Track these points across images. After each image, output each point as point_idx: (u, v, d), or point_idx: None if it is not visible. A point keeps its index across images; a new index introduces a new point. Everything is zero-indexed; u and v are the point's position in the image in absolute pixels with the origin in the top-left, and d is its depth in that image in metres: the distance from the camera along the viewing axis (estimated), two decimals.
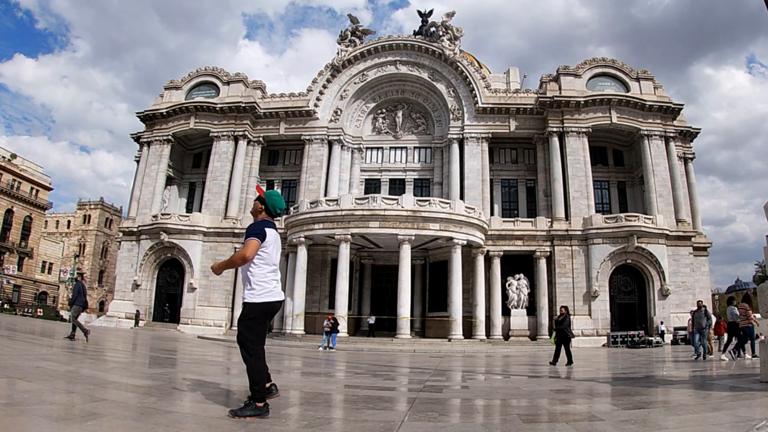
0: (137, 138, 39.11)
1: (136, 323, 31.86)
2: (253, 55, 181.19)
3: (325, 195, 32.82)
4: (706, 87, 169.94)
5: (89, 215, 74.30)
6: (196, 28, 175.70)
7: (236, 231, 33.26)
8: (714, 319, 14.27)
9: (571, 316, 14.59)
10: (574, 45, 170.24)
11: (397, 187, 35.71)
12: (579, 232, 30.25)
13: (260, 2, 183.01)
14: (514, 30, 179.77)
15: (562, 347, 13.51)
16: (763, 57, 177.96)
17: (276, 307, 4.00)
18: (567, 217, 31.03)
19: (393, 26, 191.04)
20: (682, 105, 33.44)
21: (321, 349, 20.00)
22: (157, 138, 36.24)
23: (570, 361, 12.70)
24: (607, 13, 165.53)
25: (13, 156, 58.00)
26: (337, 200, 27.78)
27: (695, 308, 15.99)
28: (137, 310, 32.51)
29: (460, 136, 33.97)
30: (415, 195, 31.32)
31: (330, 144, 35.58)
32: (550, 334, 29.27)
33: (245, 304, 3.95)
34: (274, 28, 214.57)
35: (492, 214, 32.83)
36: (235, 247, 33.24)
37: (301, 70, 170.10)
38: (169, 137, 36.07)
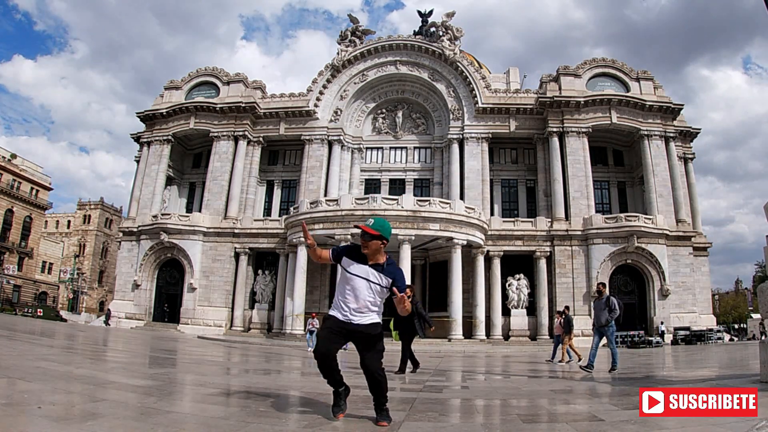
0: (137, 138, 39.09)
1: (107, 321, 31.95)
2: (251, 57, 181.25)
3: (325, 195, 32.80)
4: (703, 88, 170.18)
5: (89, 215, 74.26)
6: (193, 29, 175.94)
7: (236, 231, 33.25)
8: (617, 312, 10.06)
9: (419, 304, 10.22)
10: (569, 46, 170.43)
11: (397, 187, 35.69)
12: (579, 232, 30.24)
13: (257, 4, 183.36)
14: (510, 31, 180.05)
15: (409, 346, 9.76)
16: (759, 58, 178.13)
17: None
18: (567, 217, 31.02)
19: (388, 28, 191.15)
20: (682, 105, 33.43)
21: (309, 350, 18.06)
22: (157, 138, 36.22)
23: (414, 365, 9.57)
24: (603, 14, 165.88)
25: (13, 156, 57.95)
26: (337, 200, 27.79)
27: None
28: (108, 309, 32.51)
29: (460, 136, 33.96)
30: (415, 195, 31.33)
31: (330, 144, 35.57)
32: (551, 335, 29.24)
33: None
34: (271, 30, 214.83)
35: (492, 214, 32.82)
36: (235, 248, 33.19)
37: (297, 71, 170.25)
38: (169, 137, 36.05)
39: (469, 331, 27.94)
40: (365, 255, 3.91)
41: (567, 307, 15.92)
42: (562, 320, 14.21)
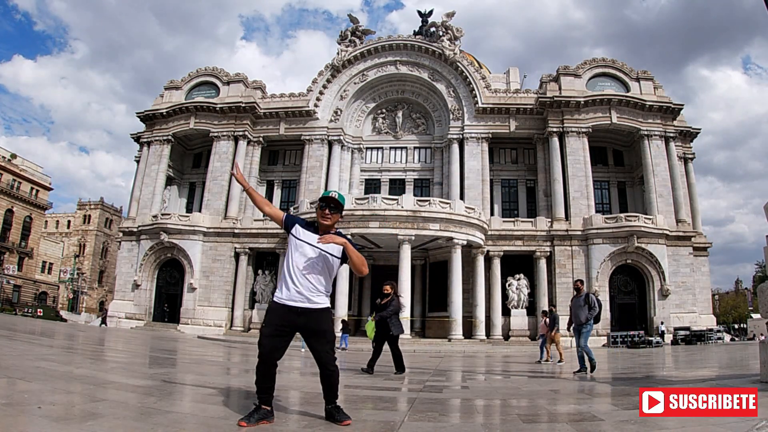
0: (137, 138, 39.10)
1: (103, 322, 32.42)
2: (250, 57, 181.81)
3: None
4: (702, 88, 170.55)
5: (89, 215, 74.28)
6: (193, 29, 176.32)
7: (236, 231, 33.26)
8: (597, 309, 9.50)
9: (401, 299, 9.80)
10: (569, 46, 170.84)
11: (397, 187, 35.70)
12: (579, 232, 30.24)
13: (257, 4, 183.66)
14: (509, 31, 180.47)
15: (385, 346, 9.48)
16: (758, 58, 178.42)
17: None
18: (567, 217, 31.02)
19: (388, 28, 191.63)
20: (682, 105, 33.43)
21: (303, 351, 16.73)
22: (157, 138, 36.23)
23: (400, 368, 9.02)
24: (602, 15, 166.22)
25: (13, 156, 57.96)
26: None
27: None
28: (105, 309, 32.80)
29: (460, 136, 33.96)
30: (415, 195, 31.34)
31: (330, 144, 35.58)
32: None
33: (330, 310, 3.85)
34: (271, 30, 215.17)
35: (492, 214, 32.83)
36: (235, 248, 33.20)
37: (297, 71, 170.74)
38: (169, 137, 36.06)
39: (469, 331, 27.95)
40: (317, 227, 3.82)
41: (554, 305, 15.87)
42: (547, 319, 14.23)
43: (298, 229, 3.80)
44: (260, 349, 3.64)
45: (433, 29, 36.32)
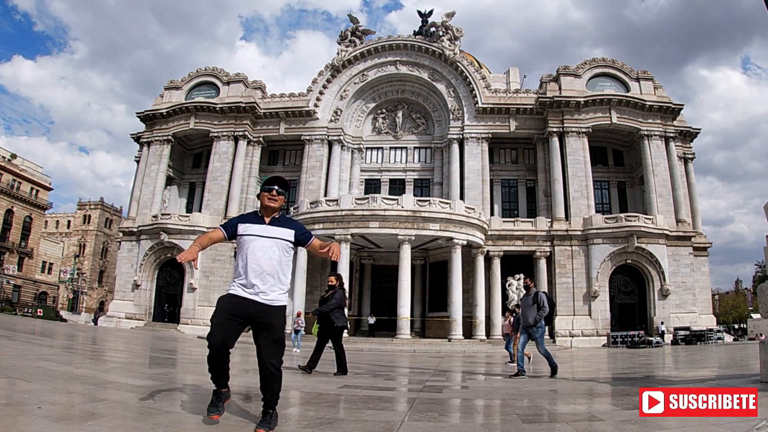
0: (137, 138, 39.11)
1: (95, 321, 32.54)
2: (250, 57, 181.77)
3: (325, 195, 32.81)
4: (701, 88, 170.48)
5: (89, 215, 74.26)
6: (193, 30, 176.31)
7: None
8: (547, 309, 8.78)
9: (345, 292, 8.97)
10: (568, 47, 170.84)
11: (397, 187, 35.71)
12: (579, 233, 30.24)
13: (256, 4, 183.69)
14: (509, 31, 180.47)
15: (328, 345, 8.68)
16: (758, 59, 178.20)
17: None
18: (567, 217, 31.03)
19: (387, 29, 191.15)
20: (682, 105, 33.45)
21: (295, 350, 17.42)
22: (157, 138, 36.24)
23: (342, 368, 8.10)
24: (602, 15, 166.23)
25: (13, 156, 57.97)
26: (337, 200, 27.79)
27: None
28: (96, 310, 33.09)
29: (460, 136, 33.97)
30: (415, 195, 31.33)
31: (330, 144, 35.58)
32: (551, 335, 29.20)
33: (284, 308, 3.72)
34: (270, 31, 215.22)
35: (492, 214, 32.83)
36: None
37: (297, 71, 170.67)
38: (169, 137, 36.06)
39: (469, 331, 27.95)
40: (261, 217, 3.70)
41: (518, 306, 15.71)
42: (512, 319, 14.15)
43: (241, 227, 3.64)
44: (212, 339, 3.59)
45: (433, 29, 36.33)
